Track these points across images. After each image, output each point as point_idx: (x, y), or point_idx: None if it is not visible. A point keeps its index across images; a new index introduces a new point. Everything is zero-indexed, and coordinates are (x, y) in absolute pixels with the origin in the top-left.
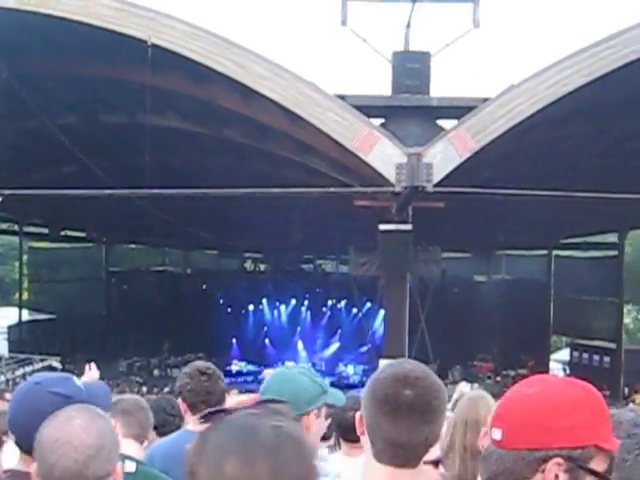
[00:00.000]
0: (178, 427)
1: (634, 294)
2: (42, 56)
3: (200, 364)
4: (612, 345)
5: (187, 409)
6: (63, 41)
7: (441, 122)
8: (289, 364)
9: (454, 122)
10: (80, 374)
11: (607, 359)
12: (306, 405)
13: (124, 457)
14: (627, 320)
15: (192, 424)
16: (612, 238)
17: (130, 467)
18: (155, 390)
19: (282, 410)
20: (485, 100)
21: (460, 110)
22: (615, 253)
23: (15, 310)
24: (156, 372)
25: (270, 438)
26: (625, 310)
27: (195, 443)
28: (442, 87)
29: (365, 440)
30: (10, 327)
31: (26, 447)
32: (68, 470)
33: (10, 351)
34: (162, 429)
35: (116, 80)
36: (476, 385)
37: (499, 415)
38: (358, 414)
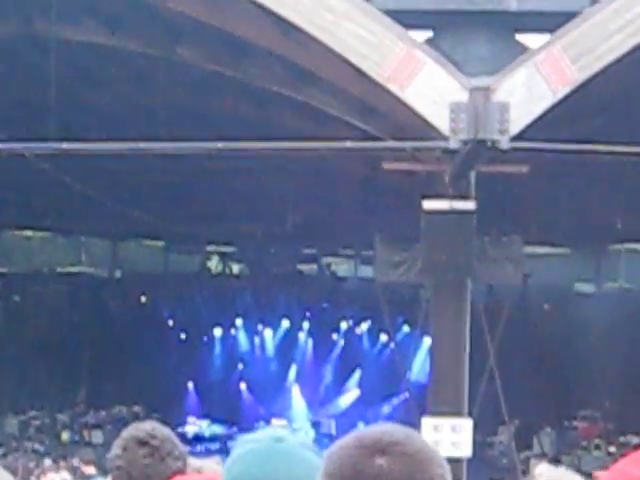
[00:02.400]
0: None
1: None
2: None
3: (142, 429)
4: None
5: None
6: None
7: (523, 37)
8: (278, 424)
9: (544, 38)
10: None
11: None
12: None
13: None
14: None
15: None
16: None
17: None
18: (63, 464)
19: None
20: (593, 3)
21: (553, 19)
22: None
23: None
24: (65, 436)
25: None
26: None
27: None
28: None
29: None
30: None
31: None
32: None
33: None
34: None
35: None
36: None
37: None
38: None
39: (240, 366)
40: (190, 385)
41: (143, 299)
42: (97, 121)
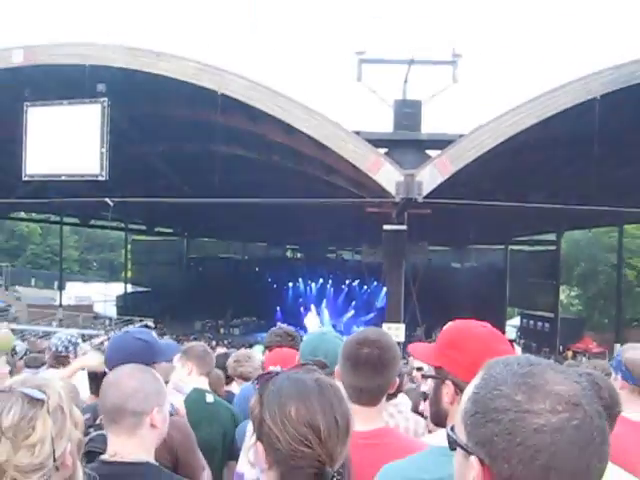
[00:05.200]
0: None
1: (567, 278)
2: (143, 103)
3: (288, 328)
4: (551, 315)
5: None
6: (158, 91)
7: (429, 152)
8: (320, 326)
9: (439, 152)
10: (168, 331)
11: (547, 325)
12: (334, 364)
13: (205, 392)
14: (562, 297)
15: None
16: (552, 237)
17: (209, 398)
18: (220, 343)
19: (316, 367)
20: (461, 136)
21: (443, 143)
22: (554, 248)
23: (122, 285)
24: (222, 330)
25: (314, 386)
26: (560, 289)
27: (257, 398)
28: (430, 126)
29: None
30: (118, 297)
31: None
32: (113, 404)
33: (118, 314)
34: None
35: (195, 120)
36: None
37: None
38: (336, 368)
39: (300, 300)
40: (278, 308)
41: (257, 269)
42: (237, 189)
